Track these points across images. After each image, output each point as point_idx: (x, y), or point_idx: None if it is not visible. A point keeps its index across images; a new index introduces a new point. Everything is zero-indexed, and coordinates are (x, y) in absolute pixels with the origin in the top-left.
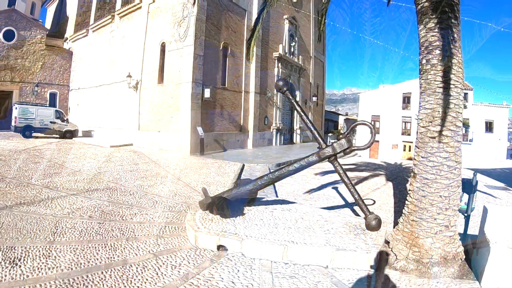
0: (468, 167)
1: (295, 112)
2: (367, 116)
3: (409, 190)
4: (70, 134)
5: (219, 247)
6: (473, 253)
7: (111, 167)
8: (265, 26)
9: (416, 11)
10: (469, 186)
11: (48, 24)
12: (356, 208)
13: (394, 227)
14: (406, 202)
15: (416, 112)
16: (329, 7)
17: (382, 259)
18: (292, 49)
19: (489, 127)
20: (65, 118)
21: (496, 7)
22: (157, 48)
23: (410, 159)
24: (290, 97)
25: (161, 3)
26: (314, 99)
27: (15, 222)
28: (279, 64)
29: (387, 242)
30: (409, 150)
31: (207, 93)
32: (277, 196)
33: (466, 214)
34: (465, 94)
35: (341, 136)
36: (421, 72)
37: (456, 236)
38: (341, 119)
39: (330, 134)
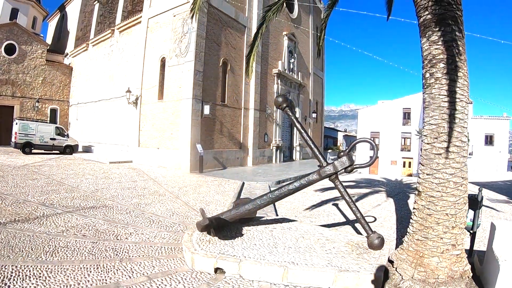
0: (469, 181)
1: (295, 128)
2: (366, 132)
3: (414, 208)
4: (70, 149)
5: (217, 269)
6: (481, 271)
7: (109, 184)
8: (265, 42)
9: (418, 24)
10: (474, 202)
11: (49, 39)
12: (357, 225)
13: (397, 246)
14: (411, 220)
15: (416, 128)
16: (328, 23)
17: (386, 279)
18: (291, 66)
19: (489, 140)
20: (66, 133)
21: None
22: (157, 63)
23: (410, 175)
24: (290, 114)
25: (160, 18)
26: (314, 115)
27: (8, 239)
28: (279, 80)
29: (390, 261)
30: (409, 166)
31: (206, 109)
32: (277, 215)
33: (472, 231)
34: None
35: (342, 153)
36: (425, 87)
37: (463, 254)
38: (340, 136)
39: (329, 151)
